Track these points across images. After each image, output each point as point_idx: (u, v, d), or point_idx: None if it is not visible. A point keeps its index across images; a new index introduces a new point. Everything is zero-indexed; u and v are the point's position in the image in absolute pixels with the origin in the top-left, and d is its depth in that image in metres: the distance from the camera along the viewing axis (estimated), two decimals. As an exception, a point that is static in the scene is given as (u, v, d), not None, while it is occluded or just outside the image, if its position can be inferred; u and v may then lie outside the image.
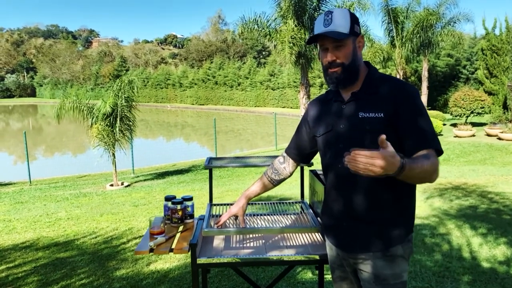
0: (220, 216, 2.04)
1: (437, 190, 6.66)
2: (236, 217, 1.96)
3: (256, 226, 2.10)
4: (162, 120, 34.08)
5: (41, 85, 64.85)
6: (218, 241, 2.11)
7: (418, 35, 16.74)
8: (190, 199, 2.18)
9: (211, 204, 2.33)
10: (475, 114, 15.84)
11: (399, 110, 1.47)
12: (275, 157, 2.68)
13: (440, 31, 17.89)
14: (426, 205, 5.67)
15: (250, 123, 29.35)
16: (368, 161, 1.19)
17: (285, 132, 18.45)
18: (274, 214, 2.29)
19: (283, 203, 2.44)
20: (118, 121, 9.77)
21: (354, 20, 1.54)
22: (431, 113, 18.75)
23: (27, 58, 73.18)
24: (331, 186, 1.62)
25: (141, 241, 1.93)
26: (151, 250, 1.83)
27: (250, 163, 2.41)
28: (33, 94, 66.04)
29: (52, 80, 60.69)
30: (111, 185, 9.80)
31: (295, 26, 13.85)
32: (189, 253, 1.84)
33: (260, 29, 14.45)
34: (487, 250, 3.82)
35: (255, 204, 2.40)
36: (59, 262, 3.84)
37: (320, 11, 14.40)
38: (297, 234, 2.14)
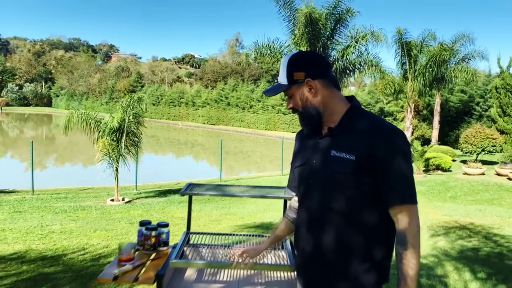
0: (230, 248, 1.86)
1: (442, 229, 6.48)
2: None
3: (228, 260, 2.00)
4: (172, 137, 34.24)
5: (57, 96, 66.11)
6: (190, 272, 2.02)
7: (431, 69, 16.68)
8: (166, 225, 2.10)
9: (187, 232, 2.25)
10: (486, 152, 15.56)
11: (374, 154, 1.37)
12: (258, 187, 2.60)
13: (454, 67, 17.82)
14: (427, 243, 5.49)
15: (260, 146, 29.30)
16: None
17: (293, 158, 18.25)
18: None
19: (262, 235, 2.34)
20: (124, 137, 9.79)
21: (293, 67, 1.50)
22: (441, 148, 18.52)
23: (46, 68, 74.87)
24: (300, 223, 1.54)
25: (107, 267, 1.84)
26: (115, 278, 1.74)
27: (228, 192, 2.33)
28: (49, 104, 67.28)
29: (69, 92, 61.89)
30: (112, 200, 9.75)
31: (308, 53, 13.91)
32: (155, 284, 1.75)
33: (272, 54, 14.57)
34: (485, 298, 3.64)
35: (234, 235, 2.31)
36: (41, 278, 3.75)
37: (333, 40, 14.50)
38: (273, 272, 2.03)
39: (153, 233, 2.03)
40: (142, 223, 2.08)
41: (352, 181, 1.39)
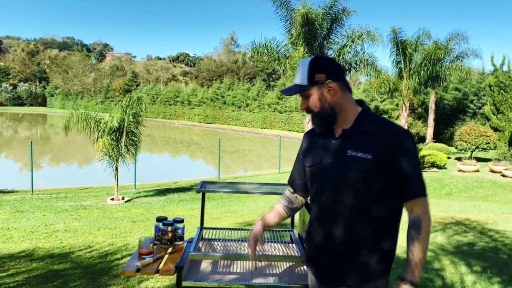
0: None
1: (438, 224, 6.62)
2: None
3: (242, 252, 2.13)
4: (168, 137, 34.31)
5: (52, 95, 65.84)
6: (205, 265, 2.14)
7: (426, 68, 16.88)
8: (181, 221, 2.22)
9: (201, 228, 2.37)
10: (480, 149, 15.79)
11: (387, 153, 1.51)
12: (267, 184, 2.73)
13: (448, 65, 18.04)
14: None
15: (256, 145, 29.43)
16: None
17: (290, 155, 18.35)
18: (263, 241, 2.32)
19: (273, 230, 2.47)
20: (124, 136, 9.88)
21: (314, 69, 1.59)
22: (436, 145, 18.74)
23: (40, 68, 74.48)
24: (314, 218, 1.66)
25: (128, 260, 1.96)
26: (138, 270, 1.86)
27: (241, 189, 2.45)
28: (43, 103, 66.96)
29: (63, 91, 61.64)
30: (112, 199, 9.84)
31: (306, 52, 14.08)
32: (175, 275, 1.87)
33: (269, 54, 14.70)
34: (480, 289, 3.78)
35: (243, 230, 2.44)
36: (51, 274, 3.86)
37: (330, 39, 14.64)
38: (284, 263, 2.16)
39: (170, 228, 2.15)
40: (159, 219, 2.20)
41: (367, 178, 1.52)
